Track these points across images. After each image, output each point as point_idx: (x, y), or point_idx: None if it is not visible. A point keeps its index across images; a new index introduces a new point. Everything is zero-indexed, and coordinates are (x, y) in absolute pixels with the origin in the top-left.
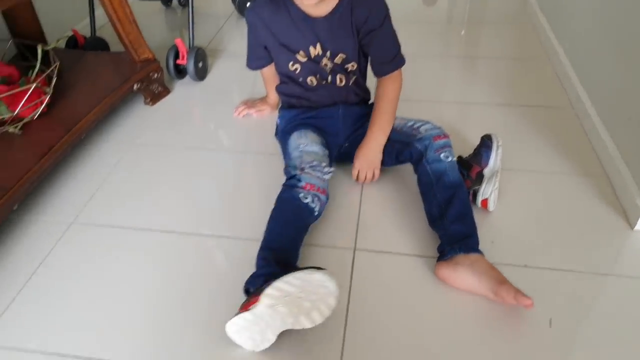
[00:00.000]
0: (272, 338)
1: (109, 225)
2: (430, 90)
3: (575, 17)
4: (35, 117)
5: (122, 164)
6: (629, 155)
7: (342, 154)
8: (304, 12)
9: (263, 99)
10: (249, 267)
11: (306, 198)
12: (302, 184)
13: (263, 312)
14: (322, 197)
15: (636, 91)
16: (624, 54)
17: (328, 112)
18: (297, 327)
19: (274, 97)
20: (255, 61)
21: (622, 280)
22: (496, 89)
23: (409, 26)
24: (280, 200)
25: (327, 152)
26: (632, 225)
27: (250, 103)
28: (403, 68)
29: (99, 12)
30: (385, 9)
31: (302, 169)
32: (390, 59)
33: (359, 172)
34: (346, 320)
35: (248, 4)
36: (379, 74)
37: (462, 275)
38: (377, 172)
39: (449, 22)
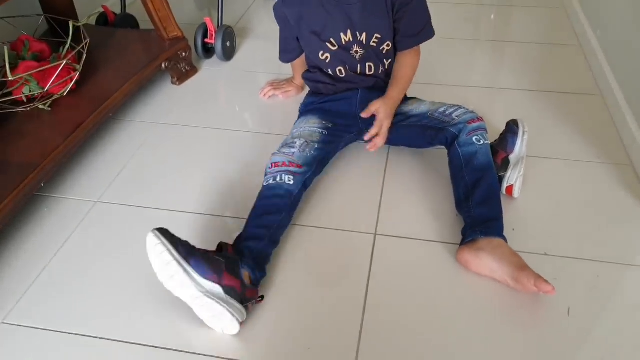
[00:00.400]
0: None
1: (133, 205)
2: (458, 74)
3: (610, 4)
4: (65, 94)
5: (148, 143)
6: None
7: (361, 135)
8: None
9: (289, 80)
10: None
11: (268, 180)
12: (269, 166)
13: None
14: (293, 169)
15: None
16: None
17: (345, 95)
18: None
19: (300, 80)
20: (287, 54)
21: None
22: (525, 74)
23: (438, 7)
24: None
25: (322, 132)
26: None
27: (276, 84)
28: (429, 50)
29: None
30: None
31: (275, 153)
32: (419, 32)
33: (378, 115)
34: (365, 305)
35: None
36: (404, 46)
37: (484, 260)
38: (387, 128)
39: (480, 3)
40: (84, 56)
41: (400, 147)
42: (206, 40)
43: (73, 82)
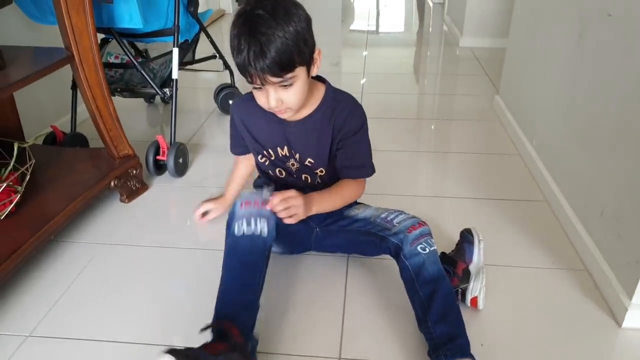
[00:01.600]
0: None
1: (70, 338)
2: (404, 184)
3: (541, 115)
4: (2, 217)
5: (91, 266)
6: (607, 251)
7: (318, 241)
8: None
9: (219, 198)
10: None
11: (241, 226)
12: (236, 207)
13: None
14: (264, 212)
15: (604, 185)
16: (590, 149)
17: None
18: None
19: (230, 197)
20: (236, 148)
21: None
22: (470, 183)
23: (380, 121)
24: (225, 248)
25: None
26: (619, 323)
27: (205, 203)
28: (376, 162)
29: (81, 107)
30: (364, 117)
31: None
32: (358, 166)
33: (287, 198)
34: None
35: (230, 102)
36: (343, 175)
37: None
38: (298, 217)
39: (420, 117)
40: (27, 177)
41: (357, 258)
42: (158, 157)
43: (12, 205)
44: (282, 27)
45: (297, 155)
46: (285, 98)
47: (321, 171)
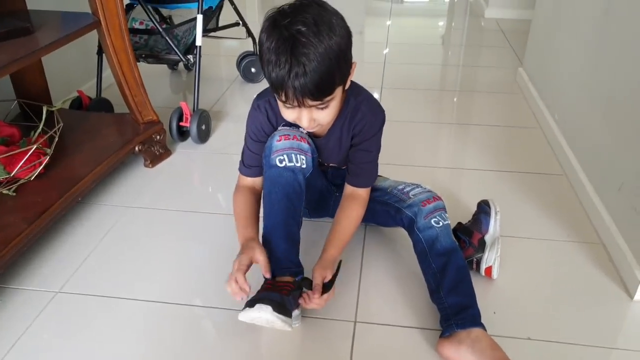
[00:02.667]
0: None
1: (95, 295)
2: (424, 155)
3: (564, 88)
4: (32, 178)
5: (117, 228)
6: (623, 225)
7: (336, 205)
8: None
9: (245, 251)
10: (238, 339)
11: (282, 161)
12: (276, 139)
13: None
14: (304, 145)
15: (624, 160)
16: (612, 124)
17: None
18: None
19: (255, 237)
20: (247, 169)
21: (626, 354)
22: (490, 155)
23: (402, 92)
24: (266, 179)
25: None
26: (631, 296)
27: (238, 273)
28: (395, 133)
29: (107, 73)
30: (381, 122)
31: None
32: (359, 174)
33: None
34: None
35: (252, 70)
36: (350, 182)
37: (464, 355)
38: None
39: (442, 89)
40: (55, 140)
41: (375, 228)
42: (181, 123)
43: (42, 167)
44: (326, 46)
45: (321, 160)
46: (319, 118)
47: (343, 167)
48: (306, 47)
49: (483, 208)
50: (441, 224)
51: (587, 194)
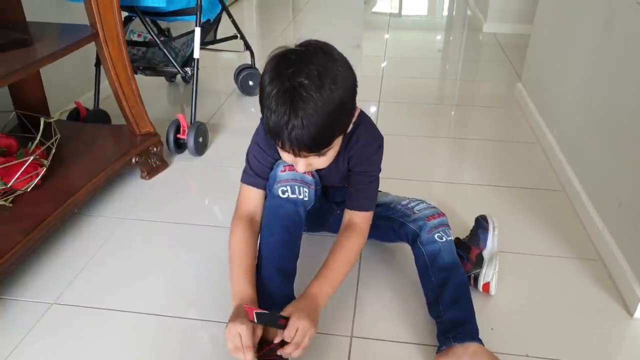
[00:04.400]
0: None
1: (91, 307)
2: (421, 169)
3: (563, 104)
4: (29, 189)
5: (113, 240)
6: (623, 242)
7: (336, 222)
8: None
9: (245, 328)
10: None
11: (285, 192)
12: (280, 169)
13: None
14: (307, 178)
15: (624, 177)
16: (611, 139)
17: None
18: None
19: (253, 294)
20: (252, 178)
21: None
22: (488, 170)
23: (400, 106)
24: (266, 209)
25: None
26: (631, 313)
27: (237, 341)
28: (392, 146)
29: (104, 85)
30: (377, 146)
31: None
32: (360, 196)
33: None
34: None
35: (250, 83)
36: (348, 205)
37: None
38: (313, 333)
39: (440, 103)
40: (52, 151)
41: (372, 242)
42: (178, 135)
43: (39, 178)
44: (326, 100)
45: (322, 183)
46: (316, 164)
47: (344, 186)
48: (306, 101)
49: (481, 223)
50: (444, 239)
51: (586, 210)
